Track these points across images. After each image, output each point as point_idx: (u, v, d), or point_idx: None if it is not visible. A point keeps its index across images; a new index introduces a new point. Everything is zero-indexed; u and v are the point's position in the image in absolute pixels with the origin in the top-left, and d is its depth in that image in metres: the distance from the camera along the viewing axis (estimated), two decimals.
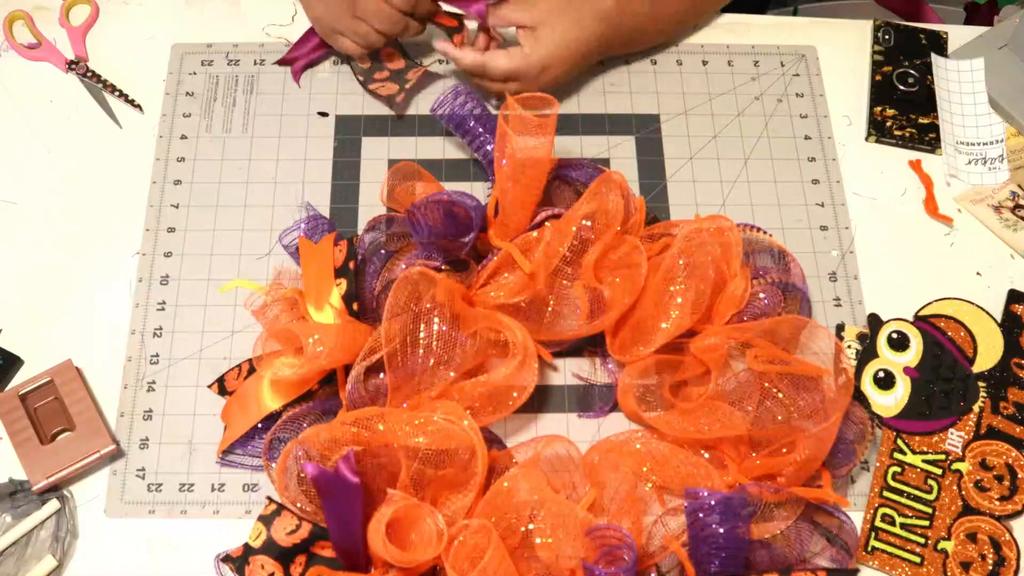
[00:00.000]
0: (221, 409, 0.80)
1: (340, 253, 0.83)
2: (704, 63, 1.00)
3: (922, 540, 0.77)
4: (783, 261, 0.86)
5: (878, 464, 0.80)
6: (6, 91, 0.96)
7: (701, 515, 0.71)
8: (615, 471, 0.76)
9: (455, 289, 0.79)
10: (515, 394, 0.76)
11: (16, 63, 0.97)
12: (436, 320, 0.77)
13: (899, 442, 0.81)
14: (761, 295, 0.82)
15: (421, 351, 0.77)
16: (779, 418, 0.76)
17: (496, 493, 0.73)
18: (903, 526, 0.78)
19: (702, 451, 0.79)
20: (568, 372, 0.84)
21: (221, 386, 0.81)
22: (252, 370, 0.80)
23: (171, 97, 0.96)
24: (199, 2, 1.01)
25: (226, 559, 0.72)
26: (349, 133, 0.94)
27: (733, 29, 1.03)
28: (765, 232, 0.88)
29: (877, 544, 0.77)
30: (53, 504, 0.76)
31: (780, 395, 0.77)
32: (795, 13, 1.48)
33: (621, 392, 0.81)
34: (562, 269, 0.82)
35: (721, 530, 0.70)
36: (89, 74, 0.96)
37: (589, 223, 0.82)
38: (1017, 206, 0.92)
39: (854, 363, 0.83)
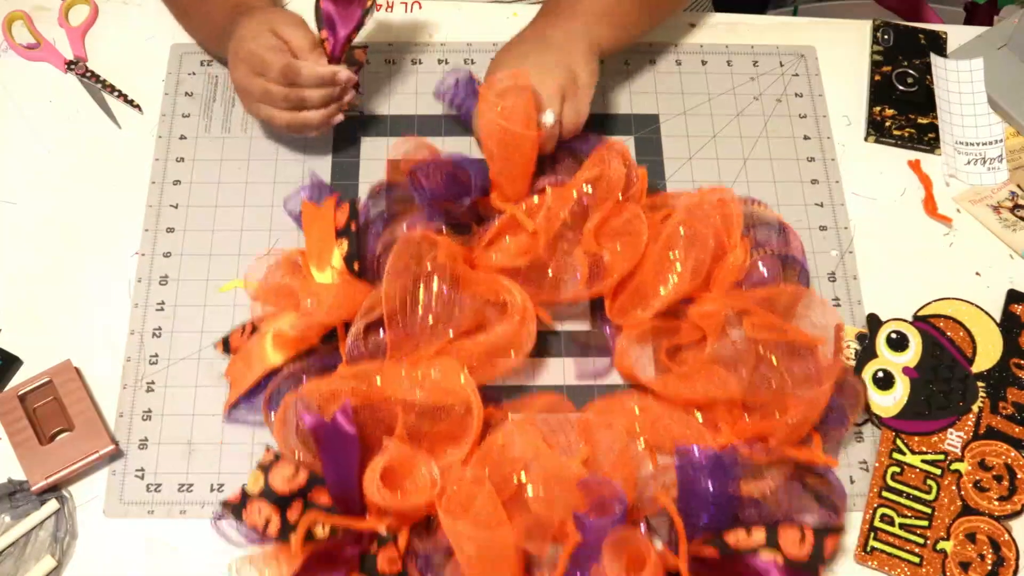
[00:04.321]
0: (220, 409, 0.80)
1: (342, 215, 0.84)
2: (703, 63, 1.00)
3: (921, 540, 0.77)
4: (783, 234, 0.87)
5: (877, 464, 0.80)
6: (6, 91, 0.96)
7: (691, 471, 0.72)
8: (609, 430, 0.77)
9: (456, 251, 0.80)
10: (513, 353, 0.78)
11: (16, 63, 0.97)
12: (436, 281, 0.78)
13: (898, 442, 0.81)
14: (760, 266, 0.84)
15: (420, 311, 0.78)
16: (773, 385, 0.77)
17: (490, 447, 0.74)
18: (902, 526, 0.78)
19: (696, 413, 0.80)
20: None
21: (226, 345, 0.83)
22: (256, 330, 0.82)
23: (170, 97, 0.96)
24: None
25: (224, 505, 0.73)
26: (349, 133, 0.94)
27: (733, 29, 1.03)
28: (766, 206, 0.89)
29: (876, 544, 0.77)
30: (52, 504, 0.76)
31: (775, 362, 0.78)
32: (795, 13, 1.48)
33: (618, 355, 0.83)
34: (563, 234, 0.83)
35: (711, 486, 0.71)
36: (88, 74, 0.96)
37: (590, 189, 0.83)
38: (1016, 206, 0.92)
39: (853, 363, 0.83)
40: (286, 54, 0.82)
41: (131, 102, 0.95)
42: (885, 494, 0.79)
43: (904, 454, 0.80)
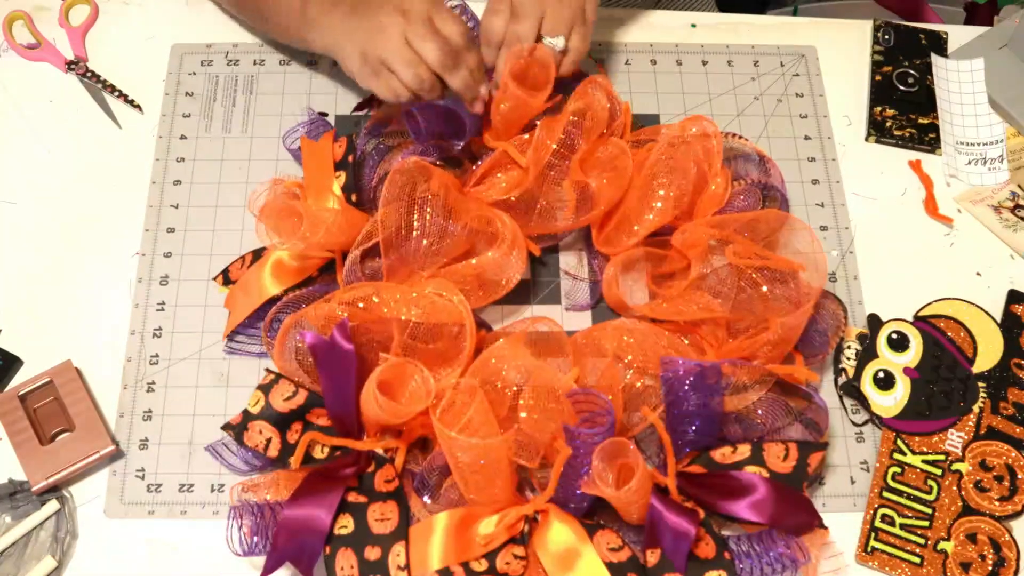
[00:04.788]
0: (221, 409, 0.80)
1: (340, 148, 0.86)
2: (704, 63, 1.00)
3: (922, 541, 0.77)
4: (763, 165, 0.89)
5: (878, 464, 0.80)
6: (6, 91, 0.96)
7: (676, 384, 0.73)
8: (598, 352, 0.79)
9: (449, 180, 0.82)
10: (504, 281, 0.80)
11: (16, 63, 0.97)
12: (429, 208, 0.79)
13: (899, 442, 0.81)
14: (741, 196, 0.86)
15: (415, 236, 0.79)
16: (755, 308, 0.79)
17: (482, 363, 0.75)
18: (903, 527, 0.78)
19: (683, 338, 0.81)
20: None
21: (226, 277, 0.84)
22: (255, 261, 0.83)
23: (171, 97, 0.96)
24: (199, 3, 1.01)
25: (226, 427, 0.75)
26: (349, 133, 0.94)
27: (733, 29, 1.03)
28: (746, 139, 0.91)
29: (877, 545, 0.77)
30: (53, 505, 0.76)
31: (757, 286, 0.80)
32: (795, 13, 1.48)
33: (606, 282, 0.85)
34: (553, 165, 0.85)
35: (695, 397, 0.73)
36: (89, 74, 0.96)
37: (576, 119, 0.85)
38: (1017, 206, 0.92)
39: (854, 364, 0.83)
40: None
41: (131, 102, 0.95)
42: (886, 494, 0.79)
43: (905, 454, 0.80)
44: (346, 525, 0.72)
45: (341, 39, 0.83)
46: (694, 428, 0.74)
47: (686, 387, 0.73)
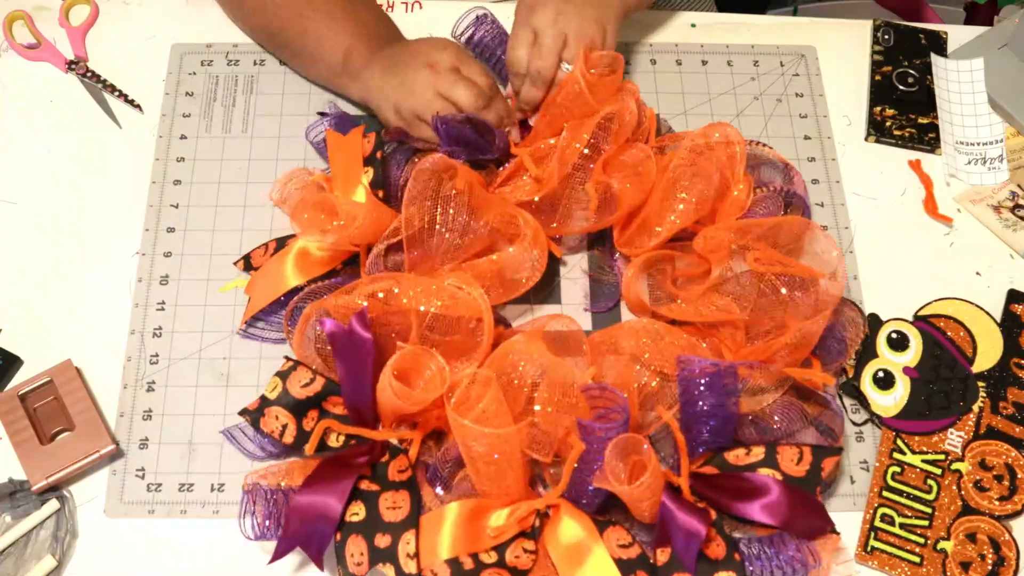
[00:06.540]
0: (221, 409, 0.81)
1: (368, 144, 0.86)
2: (704, 63, 1.00)
3: (921, 540, 0.77)
4: (787, 172, 0.89)
5: (877, 464, 0.80)
6: (6, 91, 0.96)
7: (691, 384, 0.73)
8: (615, 353, 0.79)
9: (474, 177, 0.82)
10: (523, 279, 0.80)
11: (16, 63, 0.97)
12: (453, 205, 0.79)
13: (899, 442, 0.81)
14: (763, 202, 0.86)
15: (438, 232, 0.79)
16: (775, 313, 0.79)
17: (499, 357, 0.75)
18: (903, 526, 0.78)
19: (701, 341, 0.81)
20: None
21: (247, 263, 0.85)
22: (279, 249, 0.83)
23: (171, 97, 0.96)
24: (199, 2, 1.01)
25: (243, 412, 0.75)
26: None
27: (733, 29, 1.03)
28: (770, 147, 0.90)
29: (876, 544, 0.77)
30: (53, 504, 0.76)
31: (777, 290, 0.79)
32: (795, 13, 1.48)
33: (626, 283, 0.85)
34: (579, 165, 0.85)
35: (711, 397, 0.73)
36: (89, 74, 0.96)
37: (604, 122, 0.85)
38: (1017, 206, 0.92)
39: (854, 363, 0.83)
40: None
41: (131, 102, 0.95)
42: (885, 494, 0.79)
43: (904, 454, 0.80)
44: (357, 512, 0.72)
45: (376, 94, 0.87)
46: (708, 429, 0.74)
47: (701, 387, 0.73)
